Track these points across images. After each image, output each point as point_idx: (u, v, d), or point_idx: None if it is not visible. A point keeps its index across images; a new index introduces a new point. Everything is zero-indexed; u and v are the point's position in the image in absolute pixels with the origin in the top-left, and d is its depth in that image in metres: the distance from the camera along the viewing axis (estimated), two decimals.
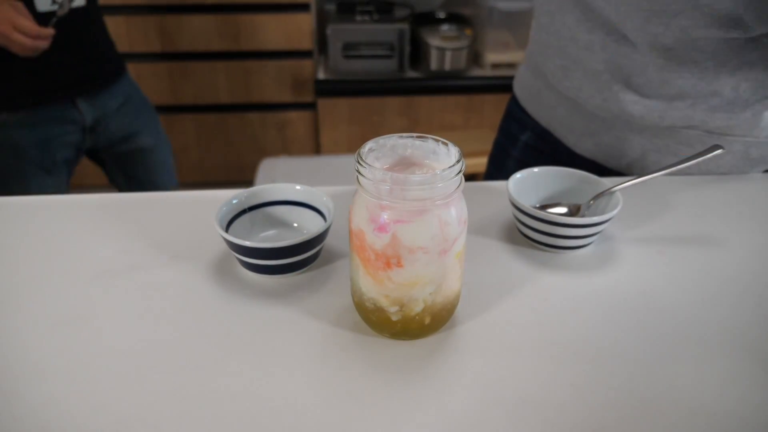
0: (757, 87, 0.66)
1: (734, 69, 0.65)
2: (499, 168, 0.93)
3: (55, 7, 1.11)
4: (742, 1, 0.58)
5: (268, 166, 1.93)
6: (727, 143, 0.70)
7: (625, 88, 0.70)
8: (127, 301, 0.50)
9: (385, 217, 0.41)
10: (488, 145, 2.19)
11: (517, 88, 0.89)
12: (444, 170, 0.40)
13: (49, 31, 1.05)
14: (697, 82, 0.66)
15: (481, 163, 2.07)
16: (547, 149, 0.84)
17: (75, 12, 1.15)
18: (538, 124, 0.85)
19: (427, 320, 0.45)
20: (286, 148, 2.29)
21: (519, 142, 0.88)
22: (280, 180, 1.85)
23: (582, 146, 0.78)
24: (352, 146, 2.28)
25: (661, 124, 0.70)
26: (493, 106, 2.26)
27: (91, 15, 1.22)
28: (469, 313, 0.49)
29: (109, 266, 0.54)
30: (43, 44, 1.05)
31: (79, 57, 1.19)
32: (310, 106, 2.22)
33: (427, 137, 0.45)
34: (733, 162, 0.72)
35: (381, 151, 0.45)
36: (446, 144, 0.44)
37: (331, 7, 2.25)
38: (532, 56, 0.84)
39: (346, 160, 2.01)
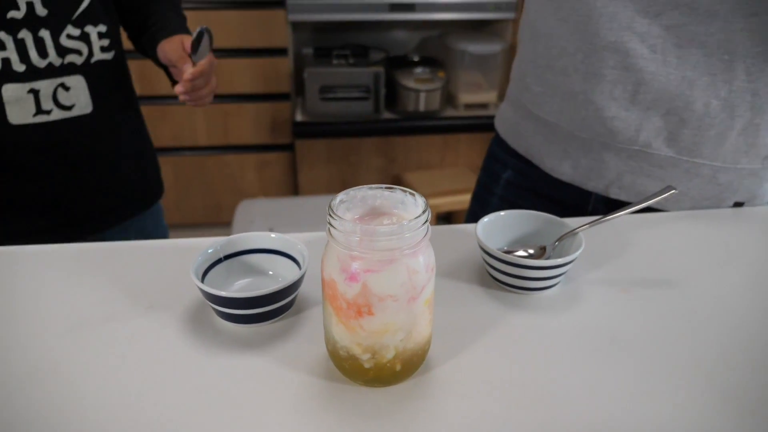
0: (725, 107, 0.70)
1: (708, 84, 0.69)
2: (483, 205, 0.97)
3: (39, 119, 0.77)
4: None
5: (245, 208, 1.94)
6: (696, 167, 0.74)
7: (603, 102, 0.74)
8: (101, 353, 0.50)
9: (356, 266, 0.43)
10: (464, 183, 2.24)
11: (498, 123, 0.95)
12: (411, 221, 0.42)
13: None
14: (672, 88, 0.70)
15: (458, 201, 2.12)
16: (528, 185, 0.89)
17: (71, 123, 0.81)
18: (519, 161, 0.89)
19: (398, 367, 0.46)
20: (264, 189, 2.31)
21: (501, 180, 0.93)
22: (258, 221, 1.87)
23: (560, 170, 0.82)
24: (330, 186, 2.31)
25: (638, 139, 0.74)
26: (468, 145, 2.31)
27: (103, 128, 0.85)
28: (441, 358, 0.50)
29: (85, 317, 0.54)
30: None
31: (60, 190, 0.82)
32: (288, 148, 2.25)
33: (395, 188, 0.47)
34: (702, 186, 0.75)
35: (352, 203, 0.47)
36: (413, 194, 0.46)
37: (308, 51, 2.31)
38: (511, 92, 0.91)
39: (323, 201, 2.03)
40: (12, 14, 0.73)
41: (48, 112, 0.77)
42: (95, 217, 0.88)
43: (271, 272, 0.59)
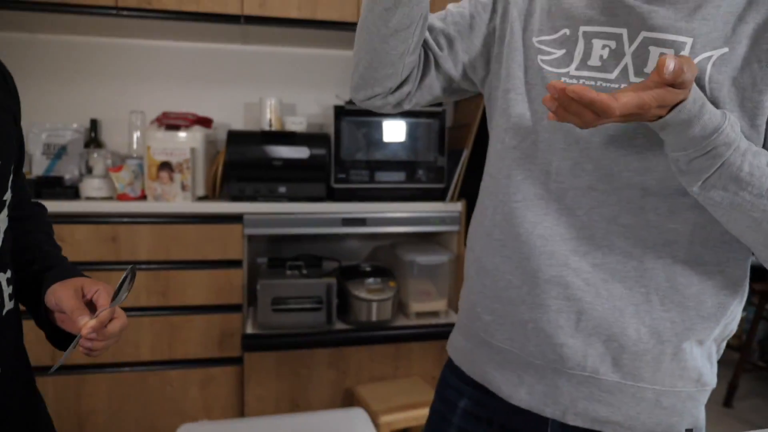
0: (653, 334, 0.74)
1: (634, 313, 0.74)
2: None
3: None
4: (631, 231, 0.74)
5: None
6: (640, 391, 0.76)
7: (551, 330, 0.77)
8: None
9: None
10: (418, 396, 2.18)
11: (451, 351, 0.96)
12: None
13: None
14: (608, 316, 0.75)
15: (413, 416, 2.03)
16: (486, 414, 0.87)
17: None
18: (475, 390, 0.89)
19: None
20: (207, 408, 2.15)
21: (458, 409, 0.91)
22: None
23: (517, 396, 0.82)
24: (279, 405, 2.18)
25: (586, 365, 0.76)
26: (420, 354, 2.29)
27: (8, 391, 0.71)
28: None
29: None
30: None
31: None
32: (237, 361, 2.16)
33: None
34: (650, 410, 0.76)
35: None
36: None
37: (262, 261, 2.36)
38: (461, 321, 0.93)
39: (268, 424, 1.89)
40: None
41: None
42: None
43: None
